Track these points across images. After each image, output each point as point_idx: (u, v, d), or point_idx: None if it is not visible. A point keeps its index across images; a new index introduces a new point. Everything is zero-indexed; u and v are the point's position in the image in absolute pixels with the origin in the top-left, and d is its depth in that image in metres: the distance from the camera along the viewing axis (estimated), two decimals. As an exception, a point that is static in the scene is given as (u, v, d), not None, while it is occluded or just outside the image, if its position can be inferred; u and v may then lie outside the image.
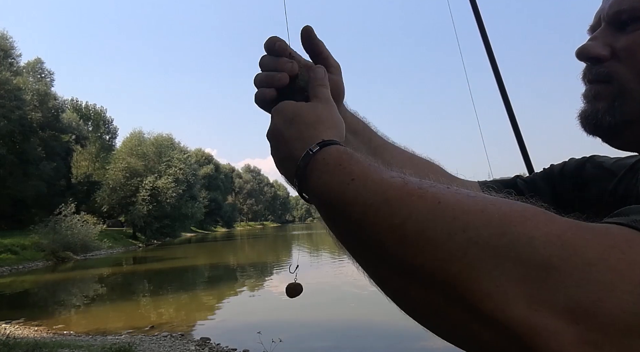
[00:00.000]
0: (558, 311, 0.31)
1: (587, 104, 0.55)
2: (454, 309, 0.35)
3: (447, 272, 0.34)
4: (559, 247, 0.33)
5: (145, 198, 43.58)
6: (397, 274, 0.38)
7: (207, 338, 8.83)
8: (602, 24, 0.55)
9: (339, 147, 0.48)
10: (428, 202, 0.37)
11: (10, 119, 31.82)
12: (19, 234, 27.90)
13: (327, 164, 0.46)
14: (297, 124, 0.53)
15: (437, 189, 0.39)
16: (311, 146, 0.49)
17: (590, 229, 0.35)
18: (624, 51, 0.51)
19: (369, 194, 0.40)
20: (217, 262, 27.04)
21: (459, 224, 0.35)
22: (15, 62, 37.30)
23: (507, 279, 0.33)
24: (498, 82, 1.82)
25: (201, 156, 78.55)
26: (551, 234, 0.34)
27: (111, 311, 12.95)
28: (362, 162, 0.45)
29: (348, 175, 0.43)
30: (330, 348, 8.35)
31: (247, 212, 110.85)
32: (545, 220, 0.35)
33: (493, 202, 0.37)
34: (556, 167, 0.76)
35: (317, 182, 0.46)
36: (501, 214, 0.35)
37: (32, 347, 6.89)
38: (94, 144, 49.39)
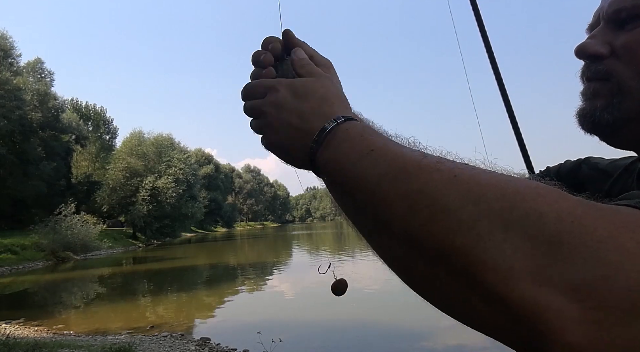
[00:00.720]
0: (563, 288, 0.31)
1: (585, 102, 0.55)
2: (457, 282, 0.35)
3: (455, 243, 0.35)
4: (569, 224, 0.33)
5: (145, 198, 43.59)
6: (403, 245, 0.39)
7: (207, 338, 8.83)
8: (601, 23, 0.54)
9: (360, 122, 0.49)
10: (444, 175, 0.38)
11: (10, 119, 31.83)
12: (19, 234, 27.93)
13: (349, 134, 0.47)
14: (312, 98, 0.52)
15: (454, 165, 0.39)
16: (335, 117, 0.49)
17: (601, 208, 0.35)
18: (623, 49, 0.51)
19: (386, 164, 0.41)
20: (217, 262, 27.03)
21: (472, 196, 0.35)
22: (15, 62, 37.33)
23: (514, 253, 0.33)
24: (498, 81, 1.82)
25: (201, 156, 78.60)
26: (562, 211, 0.34)
27: (111, 311, 12.94)
28: (382, 136, 0.46)
29: (368, 146, 0.44)
30: (330, 348, 8.34)
31: (247, 212, 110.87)
32: (557, 197, 0.35)
33: (508, 178, 0.37)
34: (552, 169, 0.76)
35: (335, 151, 0.46)
36: (514, 189, 0.35)
37: (32, 347, 6.89)
38: (94, 144, 49.40)
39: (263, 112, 0.54)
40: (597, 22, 0.56)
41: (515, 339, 0.34)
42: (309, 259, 24.36)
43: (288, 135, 0.52)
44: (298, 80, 0.55)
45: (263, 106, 0.54)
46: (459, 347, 7.99)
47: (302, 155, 0.51)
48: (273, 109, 0.53)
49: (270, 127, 0.53)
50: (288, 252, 32.89)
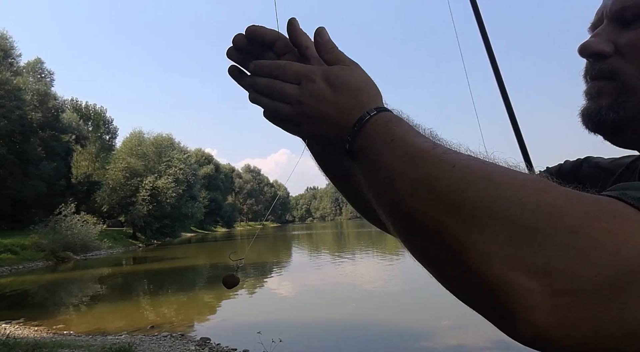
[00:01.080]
0: (535, 272, 0.34)
1: (589, 101, 0.55)
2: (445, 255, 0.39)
3: (445, 223, 0.39)
4: (547, 213, 0.35)
5: (145, 198, 43.58)
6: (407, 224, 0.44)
7: (207, 338, 8.83)
8: (605, 21, 0.54)
9: (390, 113, 0.52)
10: (445, 165, 0.42)
11: (10, 119, 31.82)
12: (19, 234, 27.92)
13: (377, 125, 0.50)
14: (348, 90, 0.54)
15: (457, 156, 0.43)
16: (368, 110, 0.52)
17: (581, 198, 0.37)
18: (628, 47, 0.51)
19: (401, 153, 0.46)
20: (217, 262, 27.01)
21: (464, 183, 0.39)
22: (15, 62, 37.32)
23: (493, 237, 0.36)
24: (498, 81, 1.81)
25: (201, 156, 78.57)
26: (543, 200, 0.36)
27: (111, 311, 12.94)
28: (404, 127, 0.49)
29: (389, 136, 0.48)
30: (330, 348, 8.34)
31: (247, 212, 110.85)
32: (541, 189, 0.38)
33: (503, 170, 0.41)
34: (552, 169, 0.76)
35: (366, 141, 0.50)
36: (503, 180, 0.39)
37: (32, 347, 6.89)
38: (94, 144, 49.40)
39: (299, 101, 0.55)
40: (600, 20, 0.56)
41: (491, 314, 0.38)
42: (309, 260, 24.35)
43: (326, 126, 0.54)
44: (332, 71, 0.55)
45: (299, 96, 0.55)
46: (459, 347, 7.99)
47: (336, 144, 0.54)
48: (311, 100, 0.54)
49: (308, 117, 0.55)
50: (288, 252, 32.88)
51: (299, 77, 0.56)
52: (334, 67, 0.56)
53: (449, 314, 9.12)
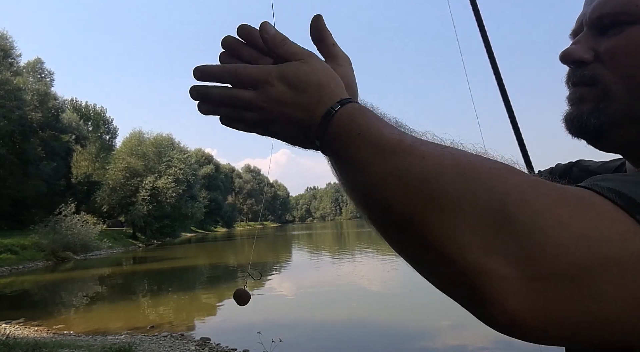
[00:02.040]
0: (507, 257, 0.35)
1: (572, 107, 0.56)
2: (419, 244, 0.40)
3: (416, 214, 0.39)
4: (514, 198, 0.36)
5: (145, 198, 43.58)
6: (380, 216, 0.45)
7: (207, 338, 8.83)
8: (585, 28, 0.55)
9: (354, 104, 0.51)
10: (413, 157, 0.42)
11: (10, 119, 31.82)
12: (19, 234, 27.91)
13: (342, 120, 0.50)
14: (310, 89, 0.53)
15: (426, 147, 0.43)
16: (332, 104, 0.51)
17: (549, 186, 0.39)
18: (607, 55, 0.52)
19: (368, 146, 0.46)
20: (217, 262, 27.02)
21: (434, 173, 0.40)
22: (15, 62, 37.33)
23: (466, 224, 0.37)
24: (498, 80, 1.82)
25: (201, 156, 78.56)
26: (511, 186, 0.37)
27: (111, 311, 12.94)
28: (370, 118, 0.49)
29: (355, 129, 0.48)
30: (330, 348, 8.34)
31: (247, 212, 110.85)
32: (509, 174, 0.39)
33: (469, 157, 0.42)
34: (543, 172, 0.77)
35: (331, 136, 0.50)
36: (472, 167, 0.40)
37: (32, 347, 6.89)
38: (94, 144, 49.39)
39: (260, 107, 0.54)
40: (581, 27, 0.57)
41: (468, 302, 0.38)
42: (309, 260, 24.36)
43: (293, 128, 0.54)
44: (289, 70, 0.53)
45: (260, 101, 0.53)
46: (459, 347, 7.99)
47: (304, 141, 0.55)
48: (272, 104, 0.53)
49: (273, 121, 0.55)
50: (288, 252, 32.89)
51: (255, 82, 0.53)
52: (291, 64, 0.54)
53: (449, 314, 9.12)
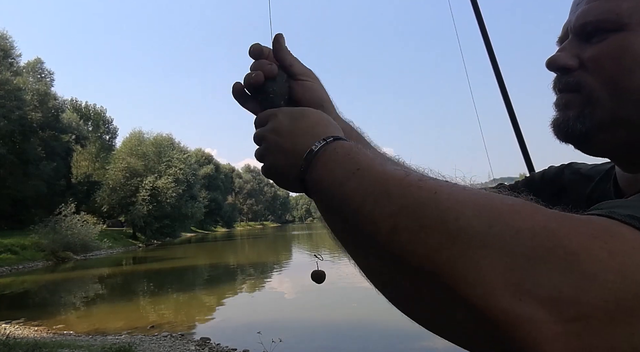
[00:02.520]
0: (542, 300, 0.32)
1: (558, 112, 0.57)
2: (441, 297, 0.36)
3: (436, 260, 0.35)
4: (544, 238, 0.34)
5: (145, 198, 43.57)
6: (388, 264, 0.39)
7: (207, 338, 8.83)
8: (570, 36, 0.57)
9: (349, 142, 0.51)
10: (425, 192, 0.39)
11: (10, 119, 31.82)
12: (19, 234, 27.90)
13: (337, 153, 0.49)
14: (305, 121, 0.56)
15: (436, 182, 0.41)
16: (325, 137, 0.52)
17: (574, 220, 0.36)
18: (591, 62, 0.53)
19: (371, 183, 0.42)
20: (217, 262, 27.03)
21: (452, 213, 0.36)
22: (15, 62, 37.32)
23: (493, 268, 0.34)
24: (498, 80, 1.82)
25: (201, 156, 78.52)
26: (537, 225, 0.35)
27: (111, 311, 12.94)
28: (369, 155, 0.47)
29: (354, 165, 0.45)
30: (330, 348, 8.35)
31: (247, 212, 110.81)
32: (532, 212, 0.36)
33: (486, 195, 0.39)
34: (536, 175, 0.79)
35: (324, 170, 0.48)
36: (492, 205, 0.37)
37: (32, 347, 6.89)
38: (94, 144, 49.38)
39: (264, 137, 0.58)
40: (566, 35, 0.58)
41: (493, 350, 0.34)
42: (309, 260, 24.37)
43: (282, 159, 0.55)
44: (296, 108, 0.59)
45: (264, 132, 0.58)
46: (459, 347, 7.99)
47: (294, 177, 0.53)
48: (271, 134, 0.57)
49: (269, 151, 0.57)
50: (288, 252, 32.89)
51: (267, 118, 0.59)
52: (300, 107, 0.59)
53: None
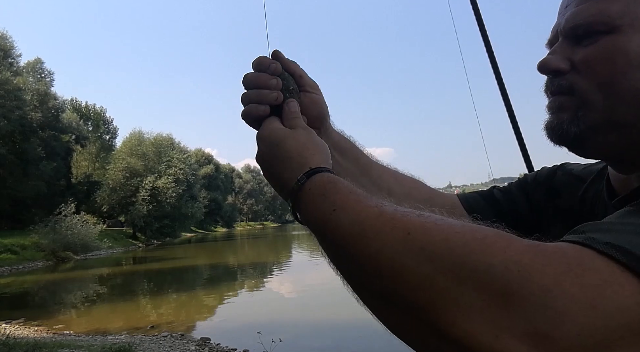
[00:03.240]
0: (520, 337, 0.33)
1: (552, 115, 0.57)
2: (427, 333, 0.37)
3: (418, 301, 0.37)
4: (516, 273, 0.34)
5: (145, 198, 43.55)
6: (376, 299, 0.42)
7: (207, 338, 8.83)
8: (560, 38, 0.56)
9: (323, 175, 0.52)
10: (399, 234, 0.40)
11: (10, 119, 31.79)
12: (19, 234, 27.88)
13: (312, 194, 0.50)
14: (282, 152, 0.57)
15: (408, 219, 0.41)
16: (298, 176, 0.53)
17: (547, 252, 0.36)
18: (583, 64, 0.53)
19: (348, 224, 0.44)
20: (217, 262, 27.03)
21: (426, 254, 0.37)
22: (15, 62, 37.30)
23: (471, 307, 0.34)
24: (498, 81, 1.82)
25: (201, 156, 78.47)
26: (509, 260, 0.35)
27: (111, 311, 12.94)
28: (343, 191, 0.48)
29: (330, 205, 0.47)
30: (330, 348, 8.35)
31: (247, 212, 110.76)
32: (504, 246, 0.36)
33: (458, 229, 0.39)
34: (530, 176, 0.78)
35: (306, 211, 0.51)
36: (463, 242, 0.37)
37: (32, 347, 6.89)
38: (94, 144, 49.33)
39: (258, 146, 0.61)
40: (556, 37, 0.58)
41: None
42: (309, 260, 24.36)
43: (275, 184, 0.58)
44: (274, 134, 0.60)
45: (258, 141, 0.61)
46: None
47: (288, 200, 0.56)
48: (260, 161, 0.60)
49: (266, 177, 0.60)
50: (288, 252, 32.88)
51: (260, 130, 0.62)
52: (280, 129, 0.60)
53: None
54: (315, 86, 0.69)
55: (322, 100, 0.70)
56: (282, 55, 0.66)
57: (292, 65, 0.67)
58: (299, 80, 0.67)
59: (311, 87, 0.69)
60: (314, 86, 0.69)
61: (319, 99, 0.69)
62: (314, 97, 0.68)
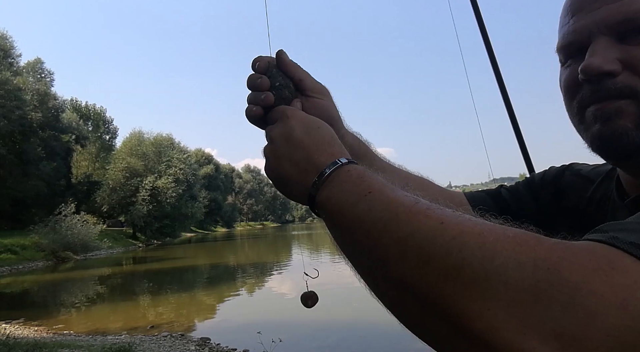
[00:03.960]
0: (546, 335, 0.32)
1: (604, 124, 0.51)
2: (446, 326, 0.36)
3: (442, 291, 0.36)
4: (545, 271, 0.33)
5: (145, 198, 43.56)
6: (395, 288, 0.40)
7: (207, 338, 8.83)
8: (598, 37, 0.51)
9: (361, 166, 0.51)
10: (432, 221, 0.39)
11: (10, 119, 31.79)
12: (19, 234, 27.88)
13: (350, 175, 0.48)
14: (319, 136, 0.54)
15: (442, 211, 0.40)
16: (339, 158, 0.51)
17: (575, 251, 0.35)
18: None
19: (381, 207, 0.43)
20: (217, 262, 27.03)
21: (456, 243, 0.36)
22: (15, 62, 37.31)
23: (497, 302, 0.33)
24: (498, 82, 1.82)
25: (201, 156, 78.49)
26: (538, 258, 0.34)
27: (111, 311, 12.94)
28: (380, 180, 0.47)
29: (366, 187, 0.45)
30: (330, 348, 8.35)
31: (247, 212, 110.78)
32: (534, 244, 0.36)
33: (490, 227, 0.38)
34: (537, 176, 0.77)
35: (335, 190, 0.48)
36: (494, 238, 0.36)
37: (32, 347, 6.89)
38: (94, 144, 49.35)
39: (272, 140, 0.56)
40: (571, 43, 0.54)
41: None
42: (309, 259, 24.35)
43: (289, 168, 0.54)
44: (311, 117, 0.57)
45: (272, 133, 0.57)
46: None
47: (300, 190, 0.53)
48: (281, 138, 0.55)
49: (275, 155, 0.55)
50: (288, 252, 32.88)
51: (278, 116, 0.58)
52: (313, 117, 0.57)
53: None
54: (320, 90, 0.67)
55: (329, 104, 0.67)
56: (285, 56, 0.64)
57: (290, 68, 0.64)
58: (298, 84, 0.65)
59: (314, 91, 0.66)
60: (318, 90, 0.66)
61: (325, 103, 0.66)
62: (317, 102, 0.66)
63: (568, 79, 0.56)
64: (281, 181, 0.56)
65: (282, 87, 0.63)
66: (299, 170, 0.53)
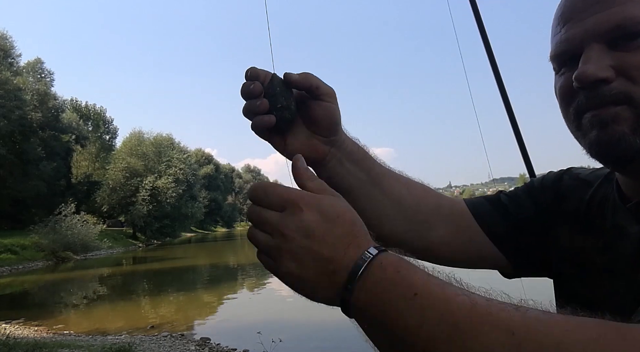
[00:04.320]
0: None
1: (601, 130, 0.52)
2: None
3: None
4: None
5: (145, 198, 43.57)
6: None
7: (207, 338, 8.84)
8: (592, 44, 0.52)
9: (393, 253, 0.44)
10: (501, 335, 0.35)
11: (10, 119, 31.79)
12: (19, 234, 27.88)
13: (385, 271, 0.41)
14: (342, 224, 0.45)
15: (507, 314, 0.36)
16: (368, 249, 0.43)
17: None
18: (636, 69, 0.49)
19: (436, 315, 0.37)
20: (217, 262, 27.02)
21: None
22: (15, 62, 37.31)
23: None
24: (498, 82, 1.82)
25: (201, 156, 78.48)
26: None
27: (111, 311, 12.95)
28: (421, 272, 0.41)
29: (409, 287, 0.39)
30: (330, 348, 8.35)
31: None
32: (620, 344, 0.33)
33: (567, 327, 0.35)
34: (536, 181, 0.78)
35: (373, 293, 0.41)
36: (581, 346, 0.33)
37: (32, 347, 6.89)
38: (94, 144, 49.34)
39: (283, 234, 0.45)
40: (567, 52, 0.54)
41: None
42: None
43: (314, 268, 0.44)
44: (326, 200, 0.46)
45: (283, 227, 0.45)
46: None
47: (328, 294, 0.45)
48: (299, 234, 0.44)
49: (292, 254, 0.45)
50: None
51: (285, 203, 0.46)
52: (328, 197, 0.47)
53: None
54: (331, 94, 0.65)
55: (335, 108, 0.66)
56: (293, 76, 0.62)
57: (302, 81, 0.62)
58: (315, 92, 0.64)
59: (328, 96, 0.65)
60: (331, 94, 0.65)
61: (332, 107, 0.66)
62: (329, 106, 0.65)
63: (563, 87, 0.56)
64: (303, 284, 0.46)
65: (284, 109, 0.62)
66: (325, 271, 0.44)
